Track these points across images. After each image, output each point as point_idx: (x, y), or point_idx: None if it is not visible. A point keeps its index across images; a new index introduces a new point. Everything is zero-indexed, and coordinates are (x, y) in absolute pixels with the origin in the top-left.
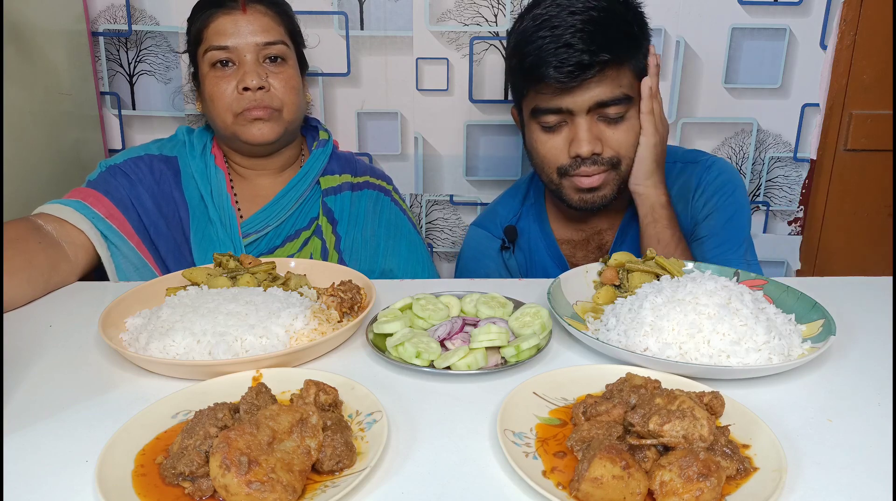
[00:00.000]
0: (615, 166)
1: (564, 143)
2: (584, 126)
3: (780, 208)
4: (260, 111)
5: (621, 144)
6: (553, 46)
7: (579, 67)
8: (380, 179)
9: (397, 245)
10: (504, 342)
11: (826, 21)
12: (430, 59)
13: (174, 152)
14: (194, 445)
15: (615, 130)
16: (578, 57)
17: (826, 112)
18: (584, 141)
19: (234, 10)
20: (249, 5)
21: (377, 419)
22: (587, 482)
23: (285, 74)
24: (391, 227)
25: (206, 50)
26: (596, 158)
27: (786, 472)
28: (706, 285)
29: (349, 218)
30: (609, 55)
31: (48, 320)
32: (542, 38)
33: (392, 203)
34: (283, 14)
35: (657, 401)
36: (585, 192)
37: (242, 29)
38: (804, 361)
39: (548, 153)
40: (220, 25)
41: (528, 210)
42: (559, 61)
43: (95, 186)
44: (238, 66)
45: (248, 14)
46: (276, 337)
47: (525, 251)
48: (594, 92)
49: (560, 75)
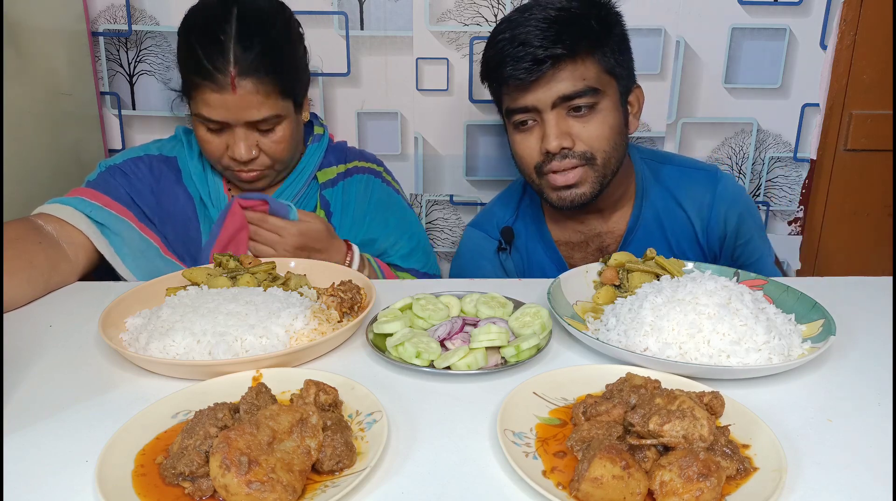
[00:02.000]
0: (589, 161)
1: (537, 141)
2: (552, 122)
3: (780, 208)
4: (250, 174)
5: (593, 138)
6: (511, 46)
7: (534, 62)
8: (369, 162)
9: (385, 217)
10: (504, 342)
11: (826, 21)
12: (430, 59)
13: (174, 152)
14: (194, 445)
15: (585, 124)
16: (533, 52)
17: (826, 112)
18: (551, 136)
19: (223, 88)
20: (240, 83)
21: (377, 419)
22: (587, 482)
23: (278, 135)
24: (381, 205)
25: (193, 111)
26: (567, 152)
27: (786, 472)
28: (706, 285)
29: (342, 206)
30: (563, 49)
31: (48, 320)
32: (503, 40)
33: (383, 184)
34: (276, 75)
35: (657, 401)
36: (562, 189)
37: (232, 107)
38: (804, 361)
39: (524, 153)
40: (209, 99)
41: (525, 211)
42: (515, 59)
43: (95, 187)
44: (227, 130)
45: (238, 93)
46: (276, 337)
47: (522, 253)
48: (556, 87)
49: (517, 72)
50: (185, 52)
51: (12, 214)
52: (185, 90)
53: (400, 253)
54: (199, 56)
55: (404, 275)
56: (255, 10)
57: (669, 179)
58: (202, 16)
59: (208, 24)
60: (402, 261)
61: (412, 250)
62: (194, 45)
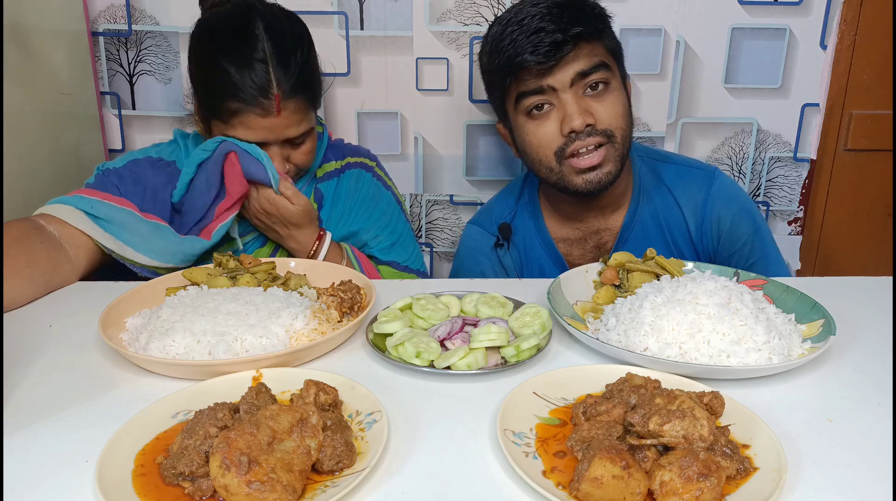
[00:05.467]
0: (610, 139)
1: (555, 125)
2: (572, 101)
3: (780, 208)
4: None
5: (611, 116)
6: (525, 35)
7: (555, 46)
8: (361, 157)
9: (369, 210)
10: (504, 342)
11: (826, 21)
12: (430, 59)
13: (172, 157)
14: (194, 445)
15: (602, 102)
16: (552, 36)
17: (826, 112)
18: (574, 114)
19: (268, 113)
20: (284, 106)
21: (377, 419)
22: (587, 482)
23: (308, 146)
24: (367, 198)
25: (226, 131)
26: (590, 130)
27: (786, 472)
28: (706, 284)
29: (333, 199)
30: (581, 27)
31: (48, 320)
32: (513, 32)
33: (373, 178)
34: (311, 91)
35: (657, 401)
36: (587, 172)
37: (276, 128)
38: (804, 361)
39: (541, 140)
40: (250, 122)
41: (523, 208)
42: (534, 45)
43: (94, 188)
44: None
45: (282, 115)
46: (276, 337)
47: (520, 249)
48: (573, 65)
49: (539, 57)
50: (217, 76)
51: (12, 214)
52: (214, 113)
53: (380, 246)
54: (238, 81)
55: (384, 268)
56: (278, 24)
57: (667, 177)
58: (228, 34)
59: (238, 45)
60: (382, 254)
61: (393, 244)
62: (228, 70)
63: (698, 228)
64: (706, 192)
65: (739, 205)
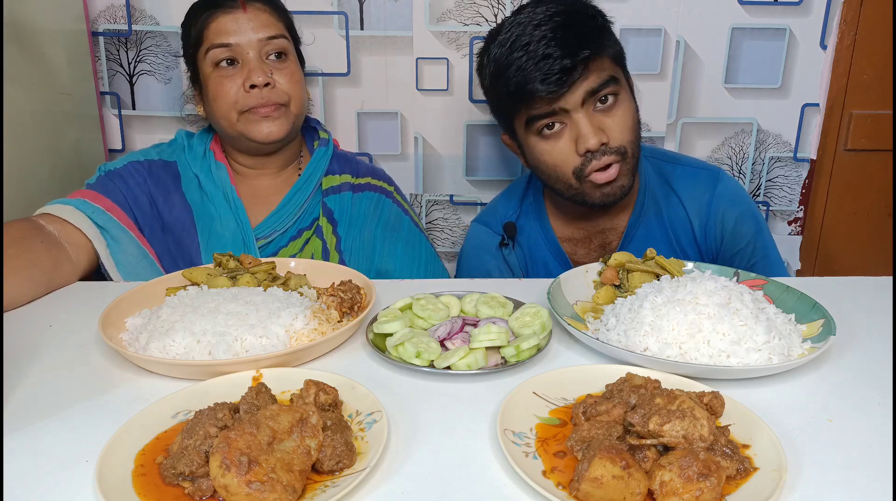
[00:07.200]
0: (623, 156)
1: (569, 144)
2: (584, 121)
3: (780, 208)
4: (268, 109)
5: (623, 131)
6: (532, 62)
7: (564, 73)
8: (381, 181)
9: (394, 246)
10: (504, 342)
11: (826, 21)
12: (430, 59)
13: (173, 157)
14: (194, 445)
15: (612, 116)
16: (560, 63)
17: (826, 112)
18: (589, 135)
19: (234, 8)
20: (249, 3)
21: (377, 419)
22: (587, 482)
23: (289, 69)
24: (389, 228)
25: (207, 49)
26: (605, 149)
27: (786, 472)
28: (706, 285)
29: (349, 219)
30: (588, 49)
31: (48, 320)
32: (519, 59)
33: (393, 204)
34: (281, 9)
35: (657, 401)
36: (605, 186)
37: (244, 26)
38: (804, 361)
39: (557, 160)
40: (221, 24)
41: (528, 208)
42: (544, 74)
43: (94, 189)
44: (242, 64)
45: (249, 12)
46: (276, 337)
47: (525, 248)
48: (583, 86)
49: (549, 86)
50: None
51: (12, 213)
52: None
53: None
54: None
55: None
56: None
57: (672, 178)
58: None
59: None
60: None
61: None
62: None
63: (702, 228)
64: (711, 192)
65: (743, 206)
